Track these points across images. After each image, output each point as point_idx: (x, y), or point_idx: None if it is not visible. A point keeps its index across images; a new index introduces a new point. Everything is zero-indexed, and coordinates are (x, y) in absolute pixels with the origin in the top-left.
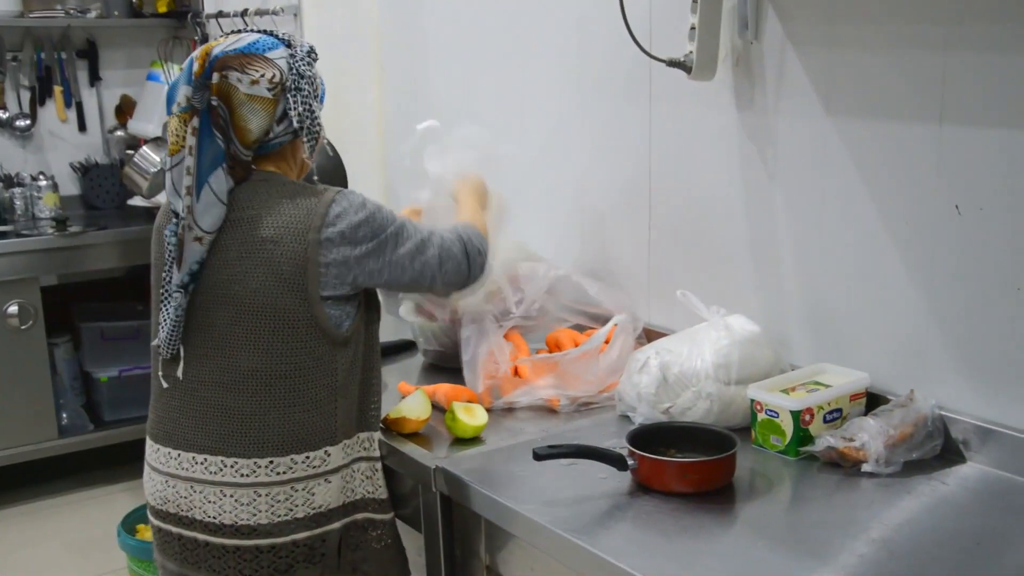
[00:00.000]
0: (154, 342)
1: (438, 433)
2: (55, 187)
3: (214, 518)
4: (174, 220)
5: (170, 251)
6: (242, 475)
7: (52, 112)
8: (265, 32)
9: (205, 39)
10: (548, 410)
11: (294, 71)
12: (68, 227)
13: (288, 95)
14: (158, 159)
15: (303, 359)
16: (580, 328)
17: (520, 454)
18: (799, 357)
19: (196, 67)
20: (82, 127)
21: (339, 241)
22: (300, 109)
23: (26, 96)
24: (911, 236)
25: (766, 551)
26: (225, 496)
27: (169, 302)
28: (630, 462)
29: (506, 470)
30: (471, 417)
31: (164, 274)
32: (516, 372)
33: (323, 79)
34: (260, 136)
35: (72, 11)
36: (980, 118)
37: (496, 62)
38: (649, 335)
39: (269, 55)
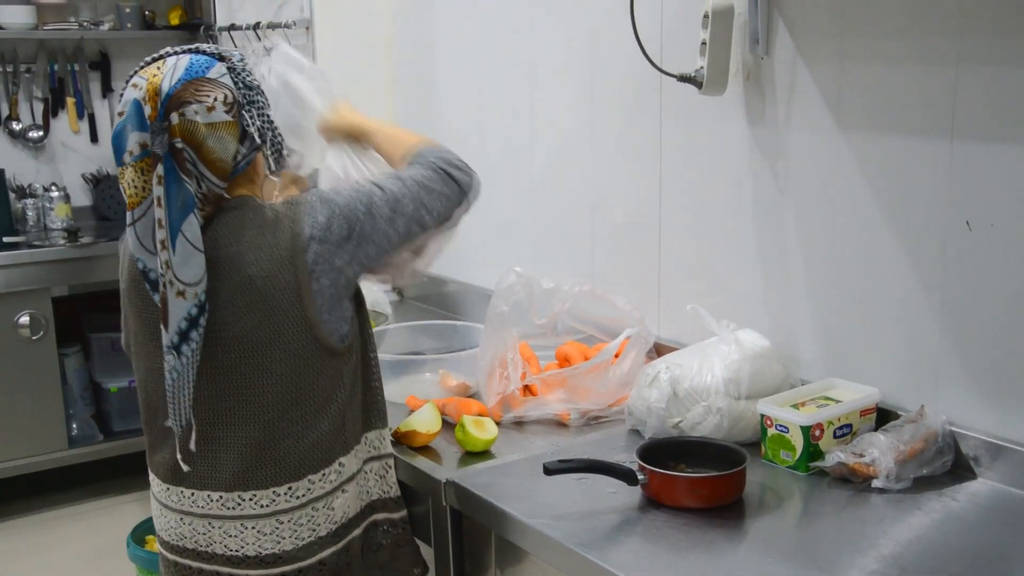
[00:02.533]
0: (168, 422)
1: (448, 446)
2: (67, 198)
3: (236, 551)
4: (157, 280)
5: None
6: (262, 506)
7: (64, 123)
8: (189, 51)
9: None
10: (558, 424)
11: (240, 85)
12: (79, 238)
13: (243, 112)
14: None
15: (314, 380)
16: (590, 341)
17: (530, 468)
18: (809, 372)
19: (149, 111)
20: (94, 138)
21: (323, 252)
22: (259, 123)
23: (39, 107)
24: (922, 252)
25: (776, 567)
26: (247, 529)
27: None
28: (640, 477)
29: (516, 484)
30: (481, 431)
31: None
32: (527, 390)
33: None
34: (234, 163)
35: (85, 23)
36: (991, 134)
37: (508, 76)
38: (659, 349)
39: (210, 75)
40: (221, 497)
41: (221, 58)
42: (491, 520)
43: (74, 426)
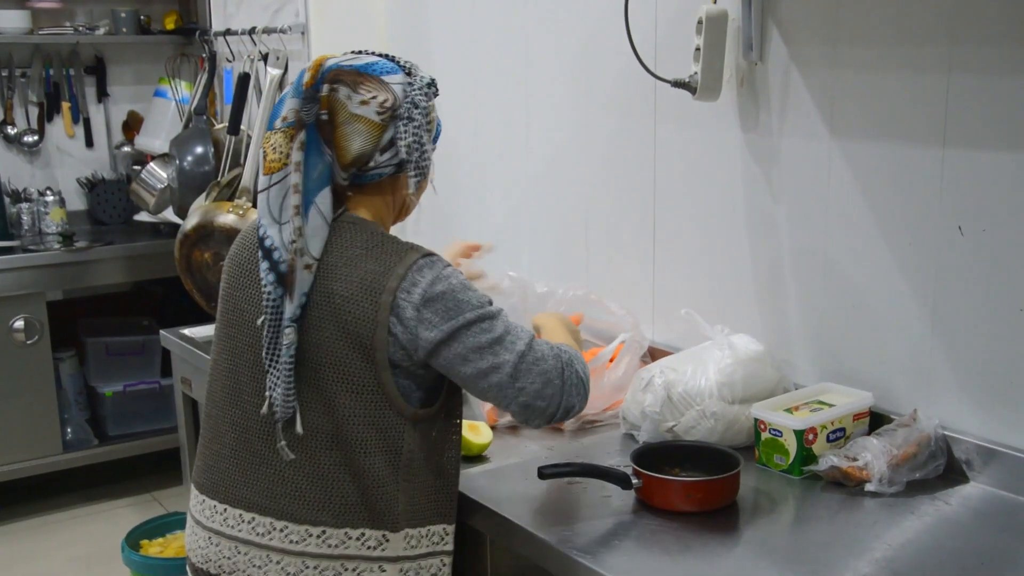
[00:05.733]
0: (264, 410)
1: None
2: (62, 202)
3: None
4: (273, 250)
5: (269, 289)
6: (291, 541)
7: (60, 128)
8: (385, 56)
9: (212, 56)
10: (553, 428)
11: (409, 99)
12: (74, 242)
13: (399, 123)
14: (165, 175)
15: (366, 428)
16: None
17: (525, 472)
18: (803, 376)
19: (307, 78)
20: (89, 143)
21: (410, 311)
22: (409, 140)
23: (34, 112)
24: (914, 257)
25: (770, 570)
26: (271, 562)
27: (275, 350)
28: (634, 481)
29: (511, 488)
30: (476, 435)
31: (239, 315)
32: None
33: (440, 119)
34: (358, 160)
35: (81, 28)
36: (983, 140)
37: (502, 81)
38: (653, 354)
39: (385, 78)
40: (253, 519)
41: (408, 73)
42: (485, 524)
43: (69, 430)
